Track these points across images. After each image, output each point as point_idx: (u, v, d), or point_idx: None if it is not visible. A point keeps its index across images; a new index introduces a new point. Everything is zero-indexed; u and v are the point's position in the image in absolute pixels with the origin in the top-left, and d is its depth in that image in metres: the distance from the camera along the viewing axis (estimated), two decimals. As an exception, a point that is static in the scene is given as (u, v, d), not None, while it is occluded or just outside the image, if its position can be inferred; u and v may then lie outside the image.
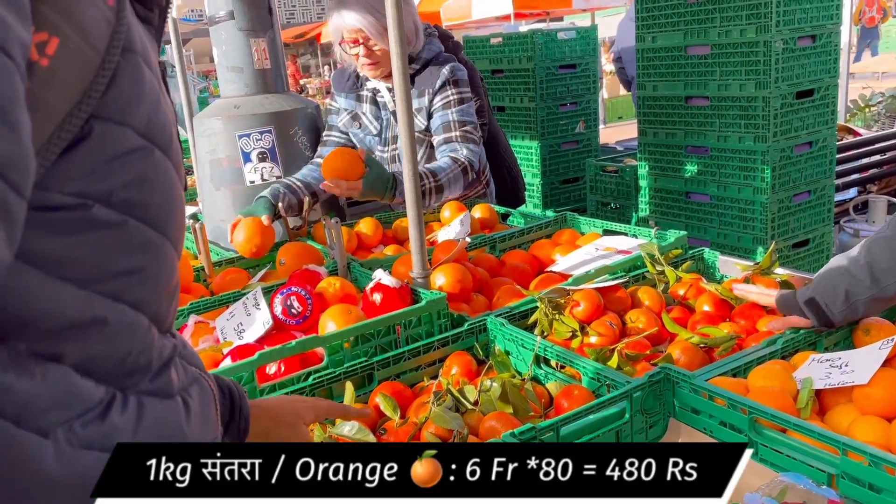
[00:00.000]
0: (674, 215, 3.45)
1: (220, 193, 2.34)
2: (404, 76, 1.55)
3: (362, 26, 2.21)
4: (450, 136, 2.31)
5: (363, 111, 2.45)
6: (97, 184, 0.56)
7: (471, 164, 2.28)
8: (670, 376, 1.18)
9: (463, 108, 2.33)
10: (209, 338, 1.59)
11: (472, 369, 1.48)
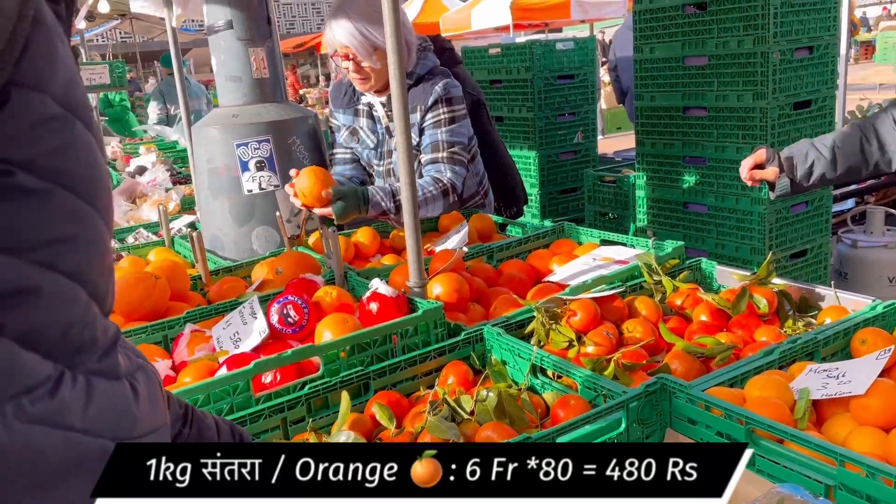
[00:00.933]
0: (671, 225, 3.45)
1: (217, 202, 2.34)
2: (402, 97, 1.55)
3: (349, 44, 2.24)
4: (436, 157, 2.31)
5: (360, 125, 2.47)
6: (19, 150, 0.56)
7: (453, 186, 2.28)
8: (667, 386, 1.18)
9: (453, 128, 2.33)
10: (205, 347, 1.58)
11: (468, 379, 1.47)
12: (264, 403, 1.32)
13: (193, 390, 1.31)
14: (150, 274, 1.79)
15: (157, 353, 1.56)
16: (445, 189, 2.27)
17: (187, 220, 2.89)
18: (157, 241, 2.66)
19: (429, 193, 2.24)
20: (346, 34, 2.22)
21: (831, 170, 1.92)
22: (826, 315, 1.58)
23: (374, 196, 2.17)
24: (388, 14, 1.51)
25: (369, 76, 2.30)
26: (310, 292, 1.65)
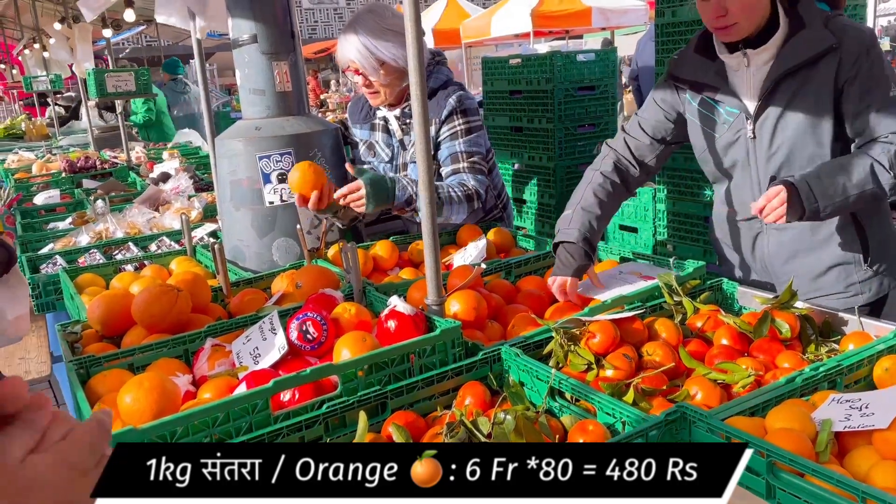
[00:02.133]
0: (692, 240, 3.42)
1: (239, 214, 2.36)
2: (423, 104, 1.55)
3: (355, 59, 2.28)
4: (457, 168, 2.32)
5: (376, 139, 2.50)
6: None
7: (478, 193, 2.28)
8: (687, 415, 1.17)
9: (471, 138, 2.34)
10: (225, 361, 1.59)
11: (485, 400, 1.47)
12: (283, 422, 1.33)
13: (213, 409, 1.32)
14: (173, 287, 1.81)
15: (178, 368, 1.57)
16: (470, 194, 2.27)
17: (209, 229, 2.92)
18: (179, 249, 2.69)
19: (454, 193, 2.24)
20: (352, 49, 2.27)
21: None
22: (849, 341, 1.56)
23: (399, 181, 2.19)
24: (410, 23, 1.51)
25: (379, 91, 2.34)
26: (329, 308, 1.66)
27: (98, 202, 3.37)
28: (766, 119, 1.90)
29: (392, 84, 2.34)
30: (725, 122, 1.97)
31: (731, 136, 1.97)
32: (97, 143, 6.59)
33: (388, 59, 2.28)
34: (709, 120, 2.02)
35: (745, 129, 1.94)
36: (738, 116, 1.94)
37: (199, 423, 1.29)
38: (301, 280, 1.89)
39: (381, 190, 2.14)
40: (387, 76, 2.30)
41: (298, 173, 2.15)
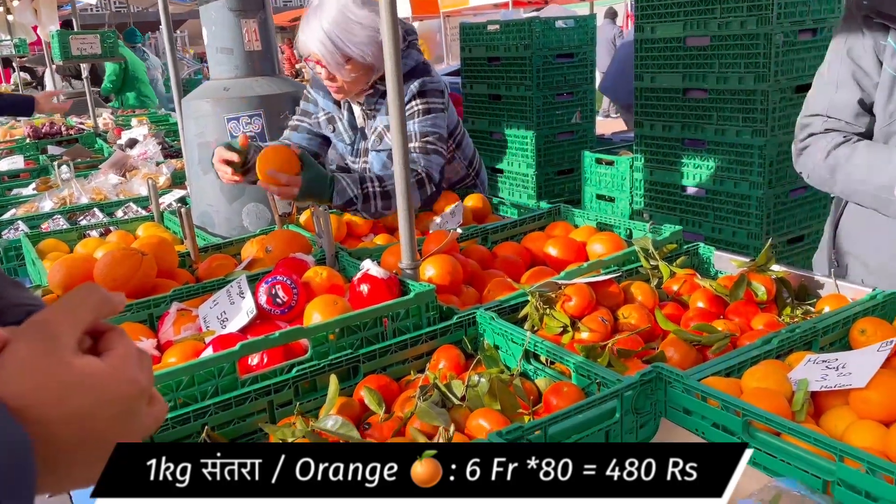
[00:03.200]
0: (669, 209, 3.42)
1: (207, 178, 2.30)
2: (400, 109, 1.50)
3: (320, 53, 2.09)
4: (409, 147, 2.16)
5: (341, 117, 2.35)
6: None
7: (429, 175, 2.15)
8: (662, 375, 1.15)
9: (427, 118, 2.20)
10: (191, 326, 1.55)
11: (460, 363, 1.44)
12: (250, 386, 1.29)
13: (177, 371, 1.27)
14: (137, 250, 1.75)
15: (141, 332, 1.52)
16: (420, 178, 2.13)
17: (178, 195, 2.85)
18: (146, 215, 2.62)
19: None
20: (316, 42, 2.09)
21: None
22: (825, 303, 1.55)
23: (338, 182, 2.03)
24: (387, 27, 1.45)
25: (342, 86, 2.17)
26: (299, 272, 1.62)
27: (63, 168, 3.27)
28: None
29: (357, 80, 2.18)
30: None
31: None
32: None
33: (355, 56, 2.11)
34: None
35: None
36: None
37: (163, 388, 1.25)
38: (271, 245, 1.84)
39: (316, 191, 1.98)
40: (352, 72, 2.13)
41: (272, 155, 2.00)
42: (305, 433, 1.20)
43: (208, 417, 1.23)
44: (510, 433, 1.03)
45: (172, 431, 1.21)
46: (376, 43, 2.07)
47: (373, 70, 2.14)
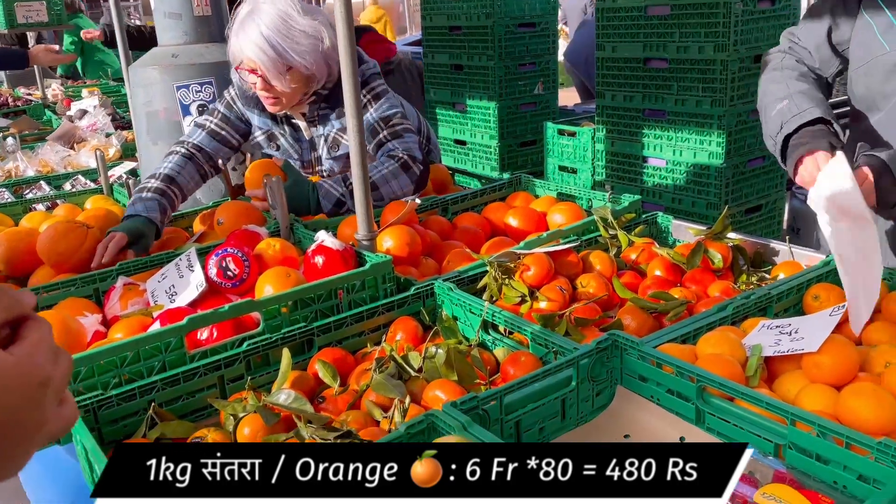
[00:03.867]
0: (630, 180, 3.42)
1: (157, 148, 2.22)
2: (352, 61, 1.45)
3: (258, 60, 1.90)
4: (380, 139, 2.09)
5: (282, 132, 2.16)
6: None
7: (411, 157, 2.05)
8: (618, 343, 1.14)
9: (380, 103, 2.09)
10: (139, 301, 1.50)
11: (417, 335, 1.42)
12: (200, 361, 1.25)
13: (123, 347, 1.23)
14: (82, 223, 1.69)
15: (86, 308, 1.47)
16: (404, 162, 2.03)
17: (128, 167, 2.76)
18: (95, 188, 2.53)
19: (385, 170, 2.00)
20: (255, 48, 1.88)
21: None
22: (780, 270, 1.56)
23: (321, 187, 1.95)
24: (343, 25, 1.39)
25: (279, 97, 2.00)
26: (252, 244, 1.57)
27: (8, 140, 3.14)
28: None
29: (295, 92, 2.00)
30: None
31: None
32: (11, 80, 6.17)
33: (297, 65, 1.92)
34: (886, 25, 1.51)
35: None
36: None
37: (107, 363, 1.21)
38: (223, 217, 1.79)
39: (299, 200, 1.90)
40: (292, 82, 1.95)
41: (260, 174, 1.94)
42: (257, 408, 1.17)
43: (155, 394, 1.19)
44: (465, 403, 1.01)
45: (118, 408, 1.17)
46: (318, 52, 1.93)
47: (313, 80, 1.99)
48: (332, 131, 2.10)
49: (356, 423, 1.15)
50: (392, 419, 1.15)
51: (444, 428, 0.96)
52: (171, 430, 1.17)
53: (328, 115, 2.09)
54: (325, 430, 1.05)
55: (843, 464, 0.88)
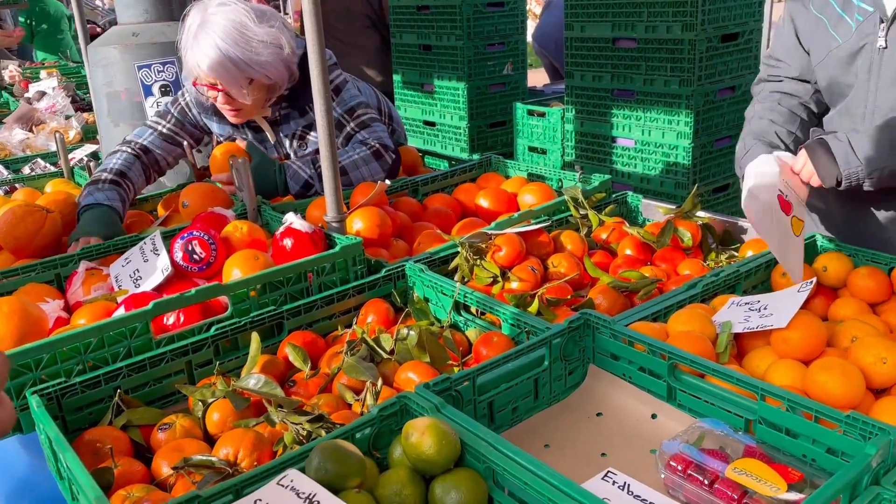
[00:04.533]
0: (599, 160, 3.43)
1: (119, 130, 2.17)
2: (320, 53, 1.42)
3: (219, 78, 1.82)
4: (347, 132, 2.05)
5: (244, 137, 2.10)
6: None
7: (383, 145, 2.02)
8: (590, 322, 1.14)
9: (341, 97, 2.06)
10: (102, 286, 1.46)
11: (389, 317, 1.41)
12: (166, 346, 1.22)
13: (86, 333, 1.20)
14: (41, 207, 1.64)
15: (47, 293, 1.43)
16: (376, 150, 2.01)
17: (89, 150, 2.68)
18: (55, 171, 2.46)
19: (356, 156, 1.97)
20: (213, 64, 1.78)
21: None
22: (748, 248, 1.58)
23: (289, 168, 1.90)
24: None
25: (241, 108, 1.92)
26: (218, 227, 1.54)
27: (-39, 122, 3.04)
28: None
29: (258, 102, 1.93)
30: (853, 24, 1.50)
31: (856, 43, 1.50)
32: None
33: (258, 77, 1.85)
34: (837, 18, 1.54)
35: (873, 36, 1.47)
36: (870, 17, 1.47)
37: (70, 350, 1.18)
38: (188, 199, 1.75)
39: (266, 182, 1.85)
40: (253, 94, 1.88)
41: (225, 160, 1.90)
42: (226, 393, 1.15)
43: (121, 380, 1.17)
44: (438, 384, 1.01)
45: (82, 396, 1.14)
46: (280, 61, 1.87)
47: (275, 88, 1.93)
48: (298, 129, 2.06)
49: (328, 406, 1.13)
50: (364, 402, 1.14)
51: (417, 410, 0.95)
52: (137, 417, 1.15)
53: (290, 115, 2.04)
54: (296, 415, 1.04)
55: (812, 437, 0.89)
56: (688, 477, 0.89)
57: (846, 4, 1.52)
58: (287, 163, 1.91)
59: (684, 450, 0.92)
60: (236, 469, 1.00)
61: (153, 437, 1.11)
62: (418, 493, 0.86)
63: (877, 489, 0.79)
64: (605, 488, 0.88)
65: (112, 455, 1.04)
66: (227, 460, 1.01)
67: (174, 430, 1.11)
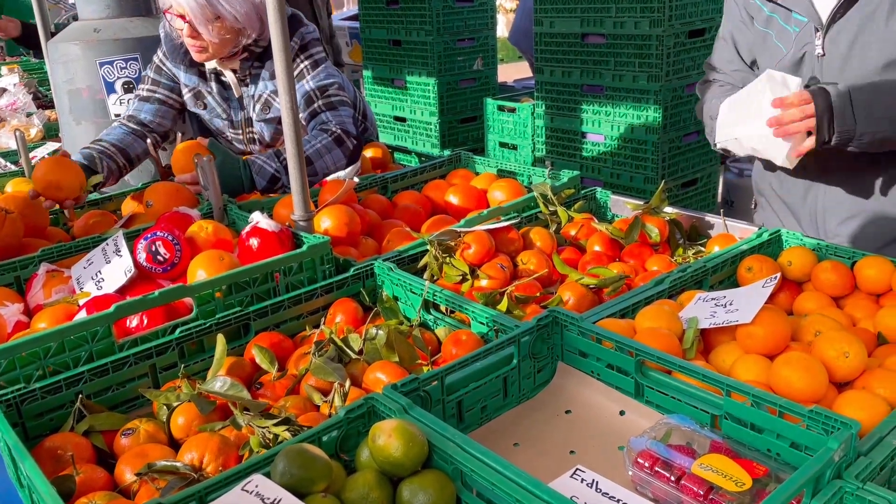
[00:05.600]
0: (569, 155, 3.45)
1: (81, 128, 2.12)
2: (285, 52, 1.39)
3: (187, 7, 1.85)
4: (314, 109, 2.05)
5: (209, 90, 2.11)
6: None
7: (345, 131, 2.02)
8: (559, 319, 1.14)
9: (318, 71, 2.06)
10: (63, 288, 1.43)
11: (357, 317, 1.40)
12: (130, 350, 1.20)
13: (46, 337, 1.17)
14: (0, 207, 1.59)
15: (6, 297, 1.39)
16: (338, 136, 2.01)
17: (51, 148, 2.62)
18: (15, 171, 2.40)
19: (319, 144, 1.97)
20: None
21: None
22: (715, 243, 1.59)
23: (254, 163, 1.89)
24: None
25: (206, 46, 1.94)
26: (183, 227, 1.51)
27: (-83, 120, 2.95)
28: (839, 33, 1.49)
29: (224, 42, 1.95)
30: (793, 34, 1.58)
31: (797, 51, 1.56)
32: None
33: (225, 14, 1.88)
34: (779, 29, 1.61)
35: (811, 45, 1.54)
36: (806, 27, 1.54)
37: (29, 355, 1.15)
38: (152, 199, 1.72)
39: (231, 178, 1.84)
40: (220, 32, 1.91)
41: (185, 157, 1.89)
42: (191, 396, 1.13)
43: (83, 385, 1.14)
44: (406, 385, 1.00)
45: (43, 402, 1.11)
46: (250, 4, 1.89)
47: (242, 33, 1.94)
48: (265, 92, 2.04)
49: (295, 408, 1.12)
50: (332, 403, 1.13)
51: (385, 411, 0.94)
52: (100, 423, 1.12)
53: (260, 75, 2.03)
54: (261, 418, 1.02)
55: (776, 432, 0.90)
56: (655, 473, 0.89)
57: (787, 16, 1.58)
58: (251, 158, 1.89)
59: (651, 446, 0.92)
60: (201, 474, 0.98)
61: (116, 443, 1.09)
62: (386, 496, 0.86)
63: (839, 483, 0.80)
64: (573, 486, 0.88)
65: (73, 462, 1.01)
66: (192, 465, 0.99)
67: (138, 436, 1.09)
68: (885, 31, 1.44)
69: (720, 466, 0.86)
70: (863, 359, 1.06)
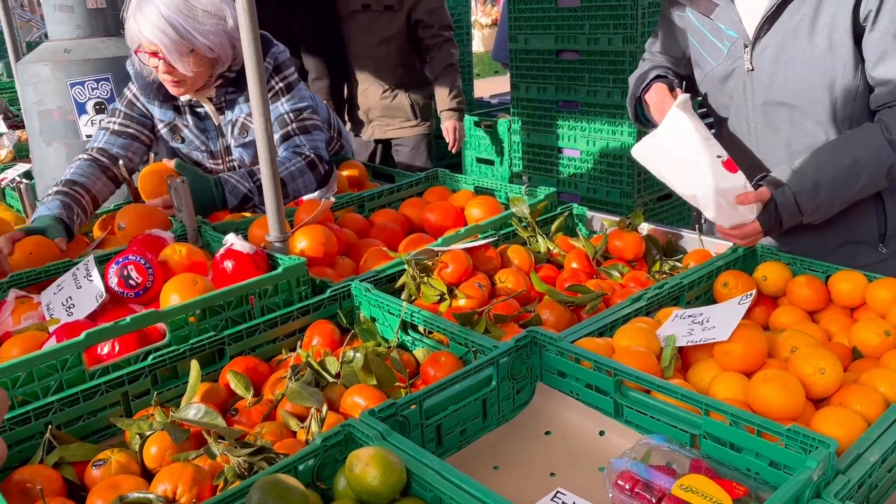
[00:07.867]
0: (546, 171, 3.46)
1: (52, 149, 2.09)
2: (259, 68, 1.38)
3: (159, 42, 1.81)
4: (287, 132, 2.03)
5: (186, 123, 2.07)
6: None
7: (318, 156, 2.00)
8: (537, 339, 1.14)
9: (292, 94, 2.04)
10: (33, 314, 1.40)
11: (334, 339, 1.38)
12: (101, 378, 1.17)
13: (15, 367, 1.14)
14: (-34, 233, 1.56)
15: (-27, 325, 1.36)
16: (311, 160, 1.99)
17: (21, 170, 2.58)
18: (-16, 193, 2.36)
19: (293, 167, 1.95)
20: (155, 30, 1.79)
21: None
22: (691, 258, 1.60)
23: (227, 182, 1.87)
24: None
25: (184, 79, 1.90)
26: (156, 250, 1.49)
27: None
28: (765, 49, 1.52)
29: (199, 75, 1.92)
30: (724, 48, 1.60)
31: (728, 66, 1.60)
32: None
33: (199, 47, 1.84)
34: (709, 43, 1.64)
35: (741, 60, 1.57)
36: (736, 42, 1.57)
37: (-5, 387, 1.12)
38: (124, 221, 1.69)
39: (203, 197, 1.81)
40: (195, 65, 1.87)
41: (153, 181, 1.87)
42: (164, 425, 1.10)
43: (52, 416, 1.11)
44: (383, 411, 0.98)
45: (10, 433, 1.08)
46: (223, 33, 1.86)
47: (217, 63, 1.91)
48: (241, 116, 2.02)
49: (271, 435, 1.10)
50: (309, 429, 1.11)
51: (362, 438, 0.93)
52: (70, 454, 1.09)
53: (236, 100, 2.01)
54: (236, 447, 1.00)
55: (755, 451, 0.90)
56: (635, 495, 0.89)
57: (716, 30, 1.61)
58: (224, 176, 1.87)
59: (631, 467, 0.91)
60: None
61: (87, 475, 1.06)
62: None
63: (819, 502, 0.80)
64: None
65: (42, 496, 0.99)
66: (166, 497, 0.97)
67: (109, 466, 1.06)
68: (807, 45, 1.48)
69: (700, 487, 0.86)
70: (839, 375, 1.07)
